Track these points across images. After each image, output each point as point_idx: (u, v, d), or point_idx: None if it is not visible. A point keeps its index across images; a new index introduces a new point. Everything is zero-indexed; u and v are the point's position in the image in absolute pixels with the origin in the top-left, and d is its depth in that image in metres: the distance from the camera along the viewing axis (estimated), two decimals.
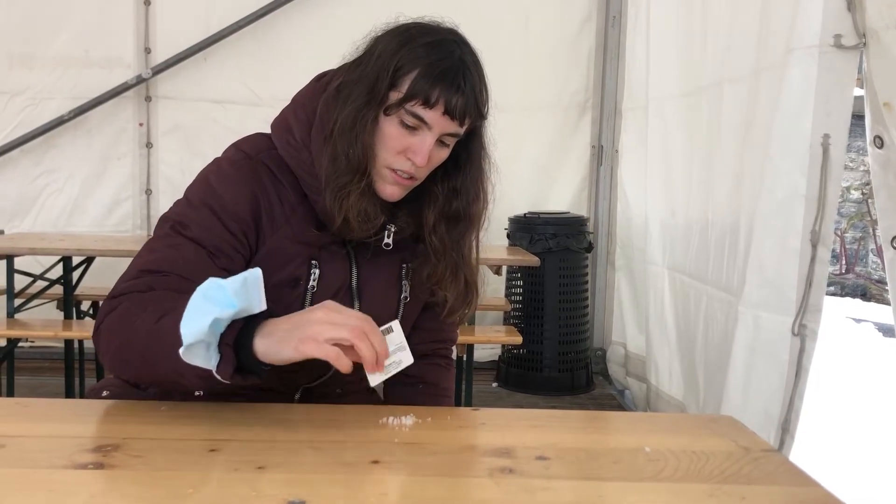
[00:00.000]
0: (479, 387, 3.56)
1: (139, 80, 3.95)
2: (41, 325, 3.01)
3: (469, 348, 2.97)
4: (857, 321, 6.69)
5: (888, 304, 1.84)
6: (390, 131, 1.06)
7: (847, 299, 8.32)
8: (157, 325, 0.91)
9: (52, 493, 0.73)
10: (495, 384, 3.99)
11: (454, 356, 1.43)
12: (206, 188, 1.10)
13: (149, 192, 4.10)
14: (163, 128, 4.08)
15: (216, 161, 1.14)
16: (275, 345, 0.88)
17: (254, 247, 1.10)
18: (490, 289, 3.84)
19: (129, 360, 0.99)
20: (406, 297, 1.22)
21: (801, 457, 1.79)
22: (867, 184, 8.11)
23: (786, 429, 1.95)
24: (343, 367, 0.88)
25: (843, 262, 9.05)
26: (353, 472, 0.81)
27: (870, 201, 8.05)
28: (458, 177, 1.15)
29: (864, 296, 8.59)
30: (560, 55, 4.15)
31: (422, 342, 1.31)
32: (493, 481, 0.79)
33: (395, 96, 1.05)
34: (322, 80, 1.15)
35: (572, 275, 3.89)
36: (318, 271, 1.12)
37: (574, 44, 4.16)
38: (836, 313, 6.69)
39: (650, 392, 3.30)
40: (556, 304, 3.84)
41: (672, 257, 3.04)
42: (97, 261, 3.32)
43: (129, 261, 1.08)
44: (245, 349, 0.89)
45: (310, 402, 1.03)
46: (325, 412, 0.98)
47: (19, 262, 3.01)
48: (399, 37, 1.06)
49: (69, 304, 3.22)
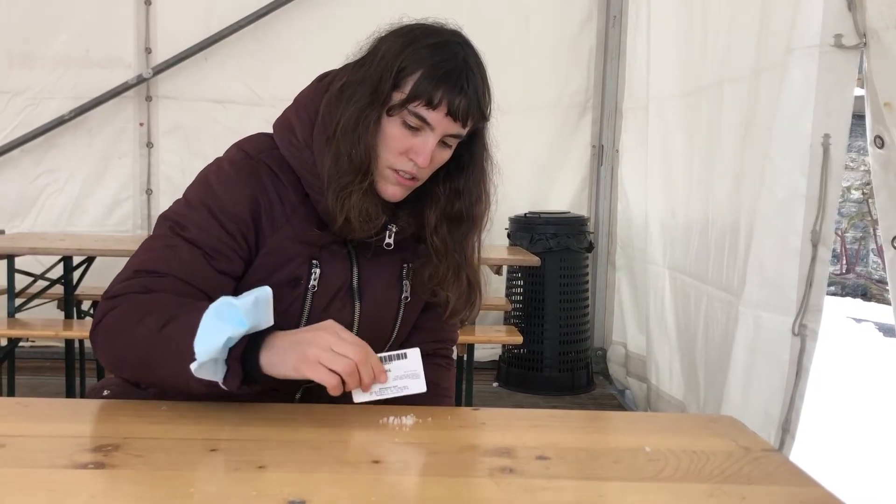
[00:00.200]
0: (479, 386, 3.56)
1: (140, 80, 3.95)
2: (42, 324, 3.02)
3: (469, 348, 2.97)
4: (858, 321, 6.69)
5: (889, 303, 1.84)
6: (393, 132, 1.06)
7: (847, 299, 8.31)
8: (161, 333, 0.94)
9: (53, 493, 0.73)
10: (496, 384, 4.00)
11: (454, 356, 1.43)
12: (205, 189, 1.10)
13: (149, 191, 4.11)
14: (163, 127, 4.09)
15: (217, 161, 1.14)
16: (276, 361, 0.93)
17: (253, 248, 1.10)
18: (490, 288, 3.83)
19: (129, 362, 1.01)
20: (406, 297, 1.21)
21: (801, 457, 1.79)
22: (868, 184, 8.10)
23: (786, 429, 1.95)
24: (336, 393, 0.92)
25: (844, 261, 9.04)
26: (354, 472, 0.81)
27: (870, 201, 8.04)
28: (461, 178, 1.15)
29: (865, 296, 8.59)
30: (560, 55, 4.15)
31: (422, 342, 1.31)
32: (493, 481, 0.79)
33: (398, 97, 1.04)
34: (324, 81, 1.15)
35: (573, 275, 3.89)
36: (318, 271, 1.12)
37: (574, 44, 4.16)
38: (837, 313, 6.68)
39: (650, 392, 3.30)
40: (557, 303, 3.84)
41: (672, 257, 3.04)
42: (98, 260, 3.32)
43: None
44: (250, 361, 0.93)
45: (310, 402, 1.02)
46: (325, 412, 0.98)
47: (20, 262, 3.01)
48: (403, 38, 1.06)
49: (70, 304, 3.23)
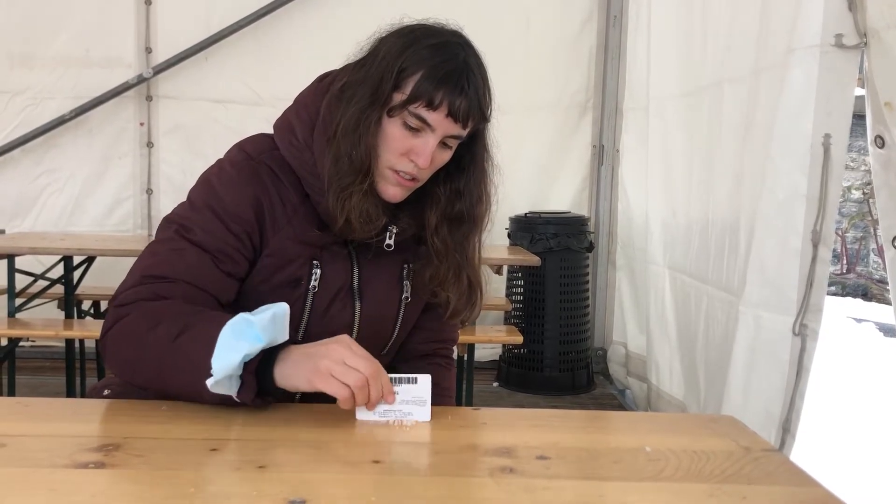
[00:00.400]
0: (479, 386, 3.56)
1: (140, 80, 3.95)
2: (42, 324, 3.02)
3: (470, 348, 2.97)
4: (858, 321, 6.69)
5: (889, 303, 1.84)
6: (393, 133, 1.06)
7: (848, 299, 8.32)
8: (174, 343, 0.94)
9: (54, 493, 0.73)
10: (496, 384, 4.00)
11: (455, 356, 1.43)
12: (208, 190, 1.10)
13: (150, 191, 4.11)
14: (164, 127, 4.09)
15: (218, 162, 1.14)
16: (289, 374, 0.94)
17: (258, 248, 1.10)
18: (491, 288, 3.82)
19: (140, 371, 1.01)
20: (407, 298, 1.21)
21: (801, 457, 1.79)
22: (868, 183, 8.10)
23: (786, 428, 1.95)
24: (346, 406, 0.93)
25: (844, 261, 9.04)
26: (354, 472, 0.81)
27: (871, 201, 8.04)
28: (461, 178, 1.15)
29: (865, 295, 8.58)
30: (561, 55, 4.15)
31: (423, 342, 1.31)
32: (493, 481, 0.79)
33: (398, 98, 1.04)
34: (325, 81, 1.15)
35: (573, 274, 3.89)
36: (319, 271, 1.12)
37: (575, 44, 4.16)
38: (837, 313, 6.69)
39: (651, 392, 3.30)
40: (557, 303, 3.84)
41: (673, 257, 3.04)
42: (98, 260, 3.32)
43: (130, 260, 1.08)
44: (265, 374, 0.93)
45: (311, 402, 1.02)
46: (326, 412, 0.98)
47: (20, 262, 3.01)
48: (403, 38, 1.06)
49: (70, 304, 3.23)
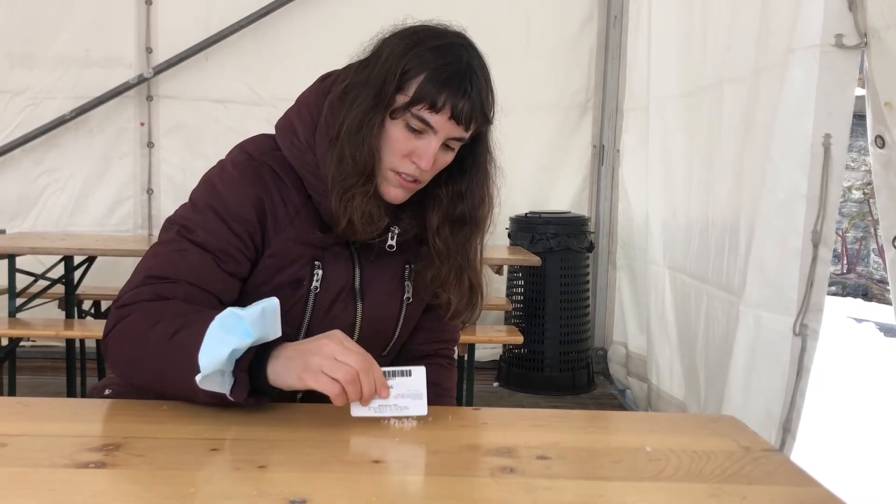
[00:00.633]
0: (480, 386, 3.56)
1: (140, 80, 3.95)
2: (43, 324, 3.02)
3: (470, 348, 2.97)
4: (859, 321, 6.69)
5: (889, 303, 1.84)
6: (396, 134, 1.06)
7: (848, 299, 8.31)
8: (171, 341, 0.94)
9: (54, 493, 0.73)
10: (496, 384, 4.00)
11: (455, 356, 1.43)
12: (210, 191, 1.10)
13: (150, 191, 4.11)
14: (164, 127, 4.09)
15: (220, 163, 1.14)
16: (281, 371, 0.93)
17: (259, 248, 1.10)
18: (491, 288, 3.82)
19: (140, 371, 1.01)
20: (409, 298, 1.22)
21: (802, 456, 1.79)
22: (868, 183, 8.10)
23: (787, 428, 1.95)
24: (339, 402, 0.91)
25: (845, 261, 9.04)
26: (355, 472, 0.81)
27: (871, 201, 8.04)
28: (463, 180, 1.14)
29: (866, 296, 8.58)
30: (561, 55, 4.15)
31: (424, 342, 1.31)
32: (494, 481, 0.79)
33: (401, 100, 1.04)
34: (327, 81, 1.15)
35: (573, 274, 3.89)
36: (320, 272, 1.12)
37: (575, 44, 4.16)
38: (838, 313, 6.68)
39: (651, 392, 3.30)
40: (558, 303, 3.84)
41: (673, 257, 3.05)
42: (98, 260, 3.33)
43: (130, 260, 1.08)
44: (257, 373, 0.93)
45: (312, 402, 1.02)
46: (326, 411, 0.98)
47: (21, 262, 3.01)
48: (406, 40, 1.06)
49: (70, 304, 3.23)
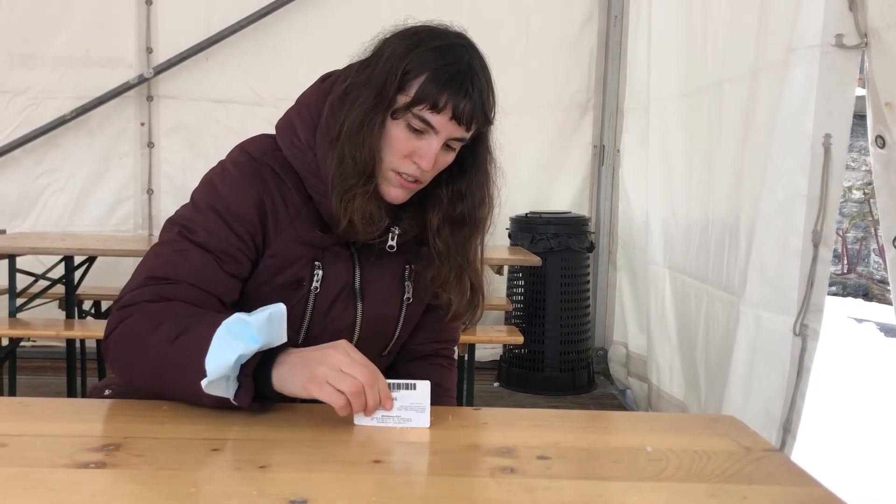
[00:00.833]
0: (480, 386, 3.56)
1: (141, 80, 3.95)
2: (43, 324, 3.01)
3: (470, 348, 2.97)
4: (859, 321, 6.69)
5: (890, 304, 1.84)
6: (397, 135, 1.06)
7: (849, 299, 8.31)
8: (174, 345, 0.94)
9: (54, 493, 0.73)
10: (496, 384, 4.00)
11: (455, 356, 1.43)
12: (211, 191, 1.10)
13: (150, 191, 4.11)
14: (164, 127, 4.09)
15: (221, 164, 1.14)
16: (286, 378, 0.93)
17: (260, 249, 1.10)
18: (492, 288, 3.82)
19: (141, 372, 1.01)
20: (409, 298, 1.22)
21: (802, 456, 1.79)
22: (869, 184, 8.10)
23: (787, 428, 1.95)
24: (343, 413, 0.92)
25: (845, 261, 9.04)
26: (355, 472, 0.81)
27: (871, 201, 8.04)
28: (464, 181, 1.14)
29: (866, 296, 8.58)
30: (561, 55, 4.15)
31: (424, 342, 1.31)
32: (494, 481, 0.79)
33: (402, 100, 1.04)
34: (327, 81, 1.15)
35: (574, 274, 3.89)
36: (321, 272, 1.12)
37: (575, 44, 4.16)
38: (838, 313, 6.68)
39: (651, 392, 3.30)
40: (558, 303, 3.84)
41: (673, 257, 3.04)
42: (99, 260, 3.32)
43: (130, 260, 1.08)
44: (262, 378, 0.93)
45: (312, 402, 1.02)
46: (327, 411, 0.98)
47: (21, 262, 3.01)
48: (408, 40, 1.06)
49: (71, 304, 3.23)
